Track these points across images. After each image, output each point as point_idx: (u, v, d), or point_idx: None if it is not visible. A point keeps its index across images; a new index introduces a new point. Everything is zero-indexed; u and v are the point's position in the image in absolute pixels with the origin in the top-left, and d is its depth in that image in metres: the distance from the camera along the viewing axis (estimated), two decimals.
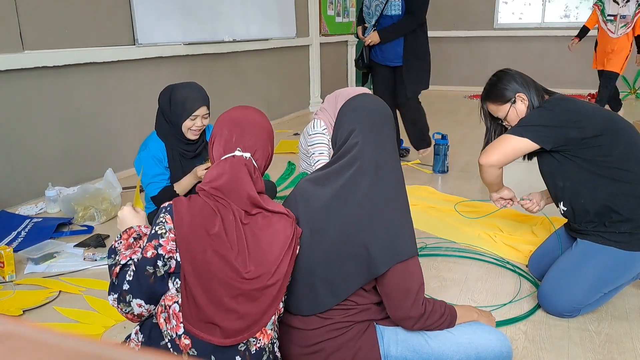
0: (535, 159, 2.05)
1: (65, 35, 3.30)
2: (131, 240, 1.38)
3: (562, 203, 1.99)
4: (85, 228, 2.82)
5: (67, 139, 3.39)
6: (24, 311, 2.01)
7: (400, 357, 1.47)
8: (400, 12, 3.72)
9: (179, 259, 1.25)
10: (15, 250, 2.43)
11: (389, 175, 1.41)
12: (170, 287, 1.27)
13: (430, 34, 3.85)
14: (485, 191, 3.31)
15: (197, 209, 1.28)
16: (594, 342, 1.76)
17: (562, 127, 1.87)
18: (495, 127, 2.14)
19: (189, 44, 4.29)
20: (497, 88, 2.03)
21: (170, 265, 1.25)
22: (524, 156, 2.02)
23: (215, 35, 4.62)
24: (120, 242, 1.37)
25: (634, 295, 2.05)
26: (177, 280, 1.27)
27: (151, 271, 1.24)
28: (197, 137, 2.48)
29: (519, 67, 2.25)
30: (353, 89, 2.89)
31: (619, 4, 5.01)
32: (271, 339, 1.35)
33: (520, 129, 1.93)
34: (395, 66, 3.84)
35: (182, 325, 1.26)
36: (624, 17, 4.97)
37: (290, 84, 6.11)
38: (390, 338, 1.47)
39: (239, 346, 1.29)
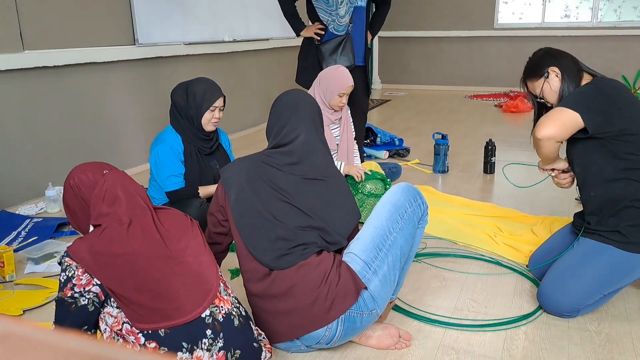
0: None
1: (65, 35, 3.30)
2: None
3: (578, 188, 2.01)
4: None
5: (67, 138, 3.39)
6: (24, 311, 2.02)
7: (368, 259, 1.62)
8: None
9: (99, 282, 1.32)
10: (15, 250, 2.43)
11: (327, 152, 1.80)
12: (111, 311, 1.34)
13: (430, 34, 3.83)
14: (485, 191, 3.31)
15: (93, 237, 1.37)
16: (594, 342, 1.76)
17: (609, 110, 1.81)
18: (541, 106, 2.10)
19: (189, 44, 4.29)
20: (530, 64, 2.08)
21: (94, 292, 1.32)
22: None
23: (215, 35, 4.62)
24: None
25: (634, 295, 2.05)
26: (112, 300, 1.34)
27: (70, 301, 1.32)
28: (214, 130, 2.52)
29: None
30: (331, 69, 2.93)
31: None
32: (232, 304, 1.44)
33: (572, 102, 1.84)
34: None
35: (140, 335, 1.31)
36: None
37: (290, 84, 6.10)
38: (352, 260, 1.62)
39: (206, 319, 1.35)
